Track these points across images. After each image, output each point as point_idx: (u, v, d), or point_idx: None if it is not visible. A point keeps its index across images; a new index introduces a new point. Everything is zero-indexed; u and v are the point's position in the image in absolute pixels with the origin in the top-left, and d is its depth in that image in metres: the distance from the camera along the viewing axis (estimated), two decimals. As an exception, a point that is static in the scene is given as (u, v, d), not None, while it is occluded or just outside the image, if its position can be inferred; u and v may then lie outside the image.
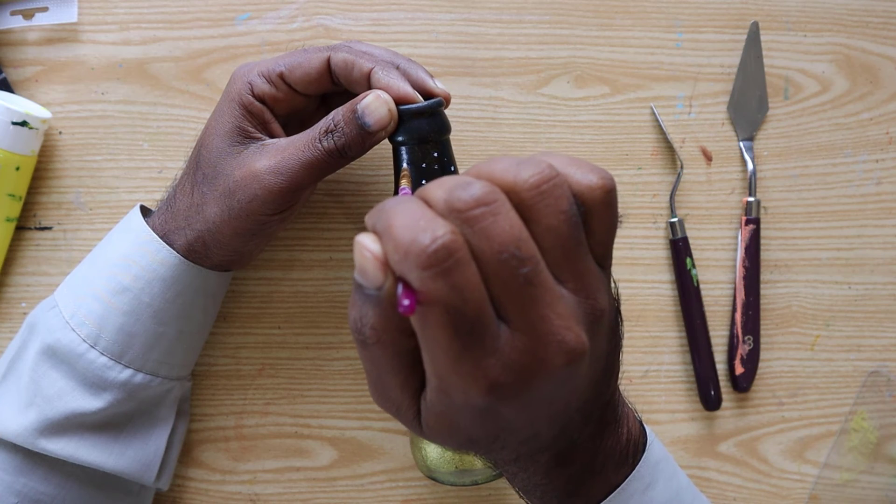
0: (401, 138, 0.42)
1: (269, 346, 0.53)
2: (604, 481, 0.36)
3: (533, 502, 0.38)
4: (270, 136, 0.44)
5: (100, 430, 0.45)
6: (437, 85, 0.43)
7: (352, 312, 0.30)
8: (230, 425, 0.53)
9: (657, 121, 0.55)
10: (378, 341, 0.29)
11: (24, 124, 0.48)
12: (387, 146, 0.43)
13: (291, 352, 0.53)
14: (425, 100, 0.42)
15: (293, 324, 0.53)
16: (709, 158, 0.56)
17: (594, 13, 0.55)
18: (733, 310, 0.56)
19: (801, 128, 0.57)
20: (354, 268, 0.28)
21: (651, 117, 0.55)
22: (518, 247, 0.27)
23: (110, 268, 0.45)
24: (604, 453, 0.36)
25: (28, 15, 0.51)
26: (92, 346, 0.44)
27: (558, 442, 0.34)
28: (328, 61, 0.43)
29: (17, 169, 0.48)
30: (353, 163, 0.45)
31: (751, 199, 0.56)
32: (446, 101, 0.43)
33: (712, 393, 0.55)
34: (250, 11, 0.53)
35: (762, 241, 0.56)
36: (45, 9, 0.50)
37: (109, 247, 0.46)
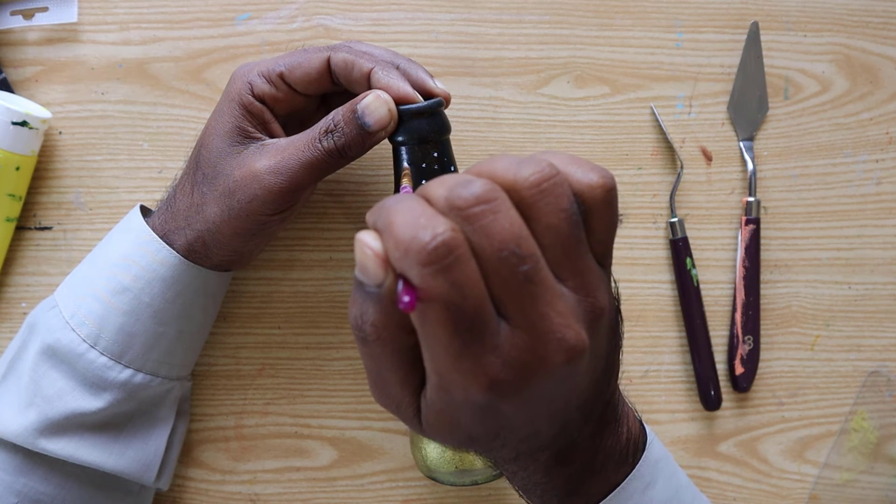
0: (401, 138, 0.42)
1: (269, 346, 0.53)
2: (604, 480, 0.36)
3: (533, 501, 0.38)
4: (270, 136, 0.44)
5: (100, 430, 0.45)
6: (437, 85, 0.43)
7: (352, 310, 0.30)
8: (230, 425, 0.53)
9: (657, 121, 0.55)
10: (378, 338, 0.29)
11: (24, 124, 0.48)
12: (387, 146, 0.43)
13: (291, 352, 0.53)
14: (425, 100, 0.42)
15: (293, 324, 0.53)
16: (709, 158, 0.56)
17: (594, 13, 0.55)
18: (733, 310, 0.56)
19: (801, 128, 0.57)
20: (355, 265, 0.28)
21: (651, 117, 0.56)
22: (518, 244, 0.27)
23: (110, 268, 0.45)
24: (604, 452, 0.36)
25: (28, 15, 0.51)
26: (92, 346, 0.44)
27: (558, 440, 0.34)
28: (328, 61, 0.43)
29: (17, 169, 0.49)
30: (353, 163, 0.45)
31: (751, 199, 0.56)
32: (446, 101, 0.43)
33: (712, 393, 0.55)
34: (250, 11, 0.53)
35: (762, 241, 0.56)
36: (45, 9, 0.50)
37: (109, 247, 0.46)
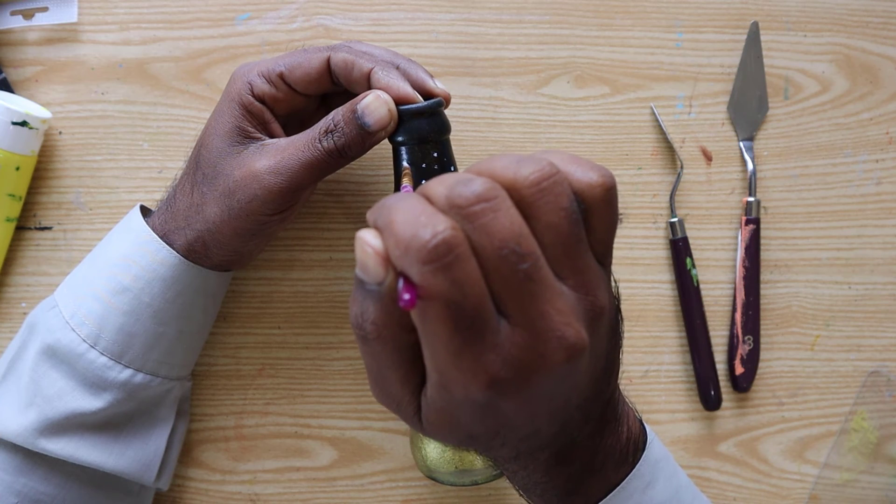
0: (401, 138, 0.42)
1: (269, 346, 0.53)
2: (603, 480, 0.36)
3: (533, 501, 0.38)
4: (270, 136, 0.44)
5: (100, 430, 0.45)
6: (437, 85, 0.43)
7: (353, 308, 0.30)
8: (230, 425, 0.53)
9: (657, 121, 0.55)
10: (379, 336, 0.29)
11: (24, 124, 0.48)
12: (387, 146, 0.43)
13: (291, 352, 0.53)
14: (425, 100, 0.42)
15: (293, 324, 0.53)
16: (709, 158, 0.56)
17: (594, 13, 0.55)
18: (733, 310, 0.56)
19: (801, 128, 0.57)
20: (356, 264, 0.28)
21: (651, 117, 0.56)
22: (518, 243, 0.27)
23: (110, 268, 0.45)
24: (604, 452, 0.36)
25: (28, 15, 0.51)
26: (92, 346, 0.44)
27: (558, 440, 0.34)
28: (328, 61, 0.43)
29: (17, 169, 0.49)
30: (353, 163, 0.45)
31: (751, 199, 0.56)
32: (446, 101, 0.43)
33: (712, 393, 0.55)
34: (250, 11, 0.53)
35: (762, 241, 0.56)
36: (45, 9, 0.50)
37: (109, 247, 0.46)
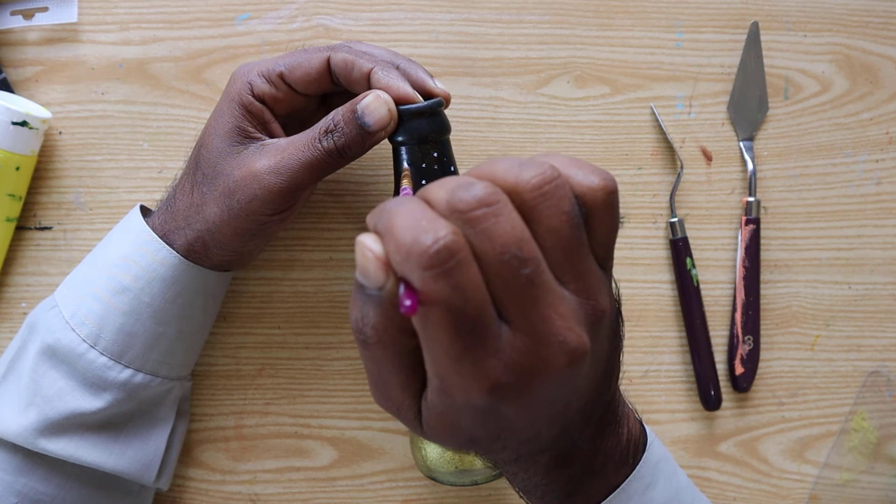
0: (401, 138, 0.42)
1: (269, 346, 0.53)
2: (604, 481, 0.36)
3: (533, 502, 0.38)
4: (270, 136, 0.44)
5: (100, 430, 0.45)
6: (437, 85, 0.43)
7: (353, 312, 0.30)
8: (230, 425, 0.53)
9: (657, 121, 0.55)
10: (379, 341, 0.29)
11: (24, 124, 0.48)
12: (387, 146, 0.43)
13: (291, 352, 0.53)
14: (425, 100, 0.42)
15: (293, 324, 0.53)
16: (709, 158, 0.56)
17: (594, 13, 0.55)
18: (733, 310, 0.56)
19: (801, 128, 0.57)
20: (355, 268, 0.28)
21: (651, 117, 0.55)
22: (520, 247, 0.27)
23: (110, 268, 0.44)
24: (604, 454, 0.36)
25: (28, 15, 0.51)
26: (92, 346, 0.44)
27: (559, 442, 0.34)
28: (328, 61, 0.43)
29: (17, 169, 0.48)
30: (353, 163, 0.45)
31: (751, 199, 0.56)
32: (446, 101, 0.43)
33: (712, 393, 0.55)
34: (250, 11, 0.52)
35: (762, 241, 0.56)
36: (45, 9, 0.50)
37: (109, 247, 0.46)
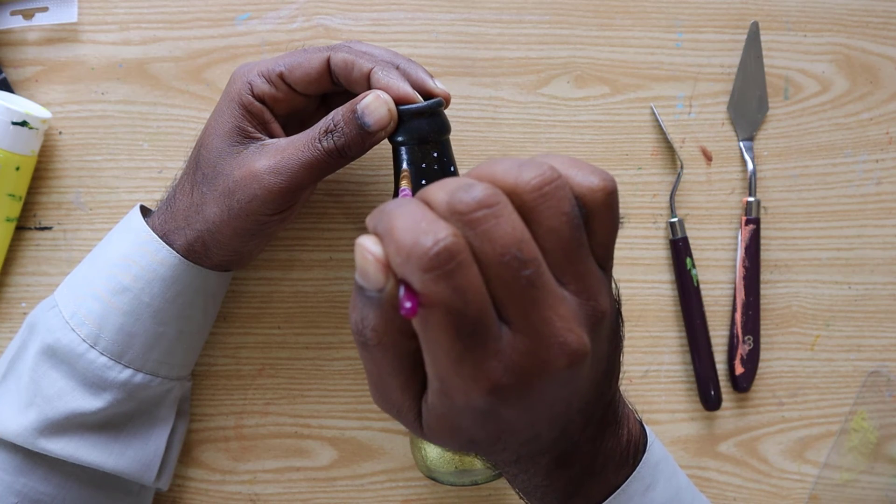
0: (401, 138, 0.42)
1: (269, 346, 0.53)
2: (604, 482, 0.36)
3: (533, 503, 0.38)
4: (270, 136, 0.44)
5: (100, 430, 0.45)
6: (437, 85, 0.43)
7: (353, 314, 0.30)
8: (230, 425, 0.53)
9: (657, 121, 0.55)
10: (379, 343, 0.29)
11: (24, 124, 0.48)
12: (387, 146, 0.43)
13: (291, 352, 0.53)
14: (425, 100, 0.42)
15: (293, 324, 0.53)
16: (709, 158, 0.56)
17: (594, 13, 0.55)
18: (733, 310, 0.56)
19: (801, 128, 0.57)
20: (355, 269, 0.28)
21: (651, 117, 0.55)
22: (520, 249, 0.27)
23: (110, 268, 0.44)
24: (604, 454, 0.36)
25: (28, 15, 0.50)
26: (92, 346, 0.44)
27: (559, 443, 0.34)
28: (328, 61, 0.43)
29: (17, 169, 0.48)
30: (353, 163, 0.45)
31: (751, 199, 0.56)
32: (446, 101, 0.43)
33: (712, 393, 0.55)
34: (250, 11, 0.52)
35: (762, 241, 0.56)
36: (45, 9, 0.50)
37: (109, 247, 0.46)
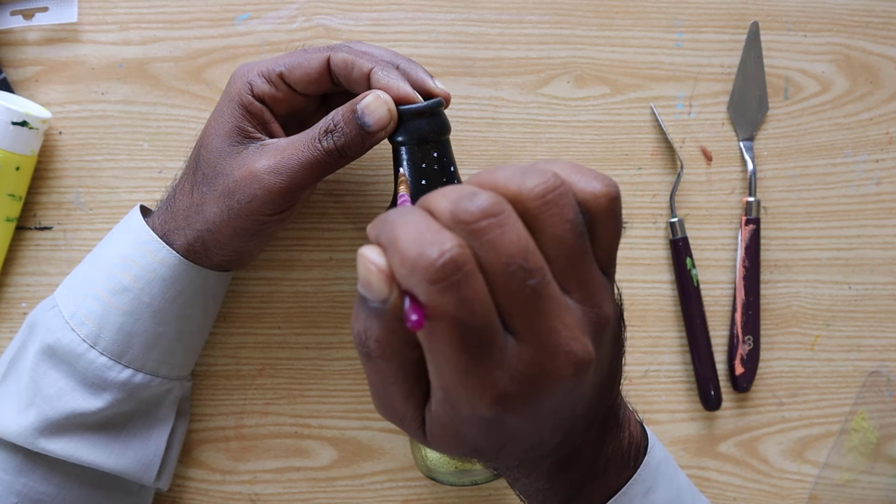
0: (401, 138, 0.42)
1: (269, 346, 0.53)
2: (605, 485, 0.36)
3: (533, 506, 0.38)
4: (270, 136, 0.44)
5: (100, 430, 0.45)
6: (437, 85, 0.43)
7: (355, 325, 0.29)
8: (230, 425, 0.53)
9: (657, 121, 0.55)
10: (383, 354, 0.29)
11: (24, 124, 0.48)
12: (387, 146, 0.43)
13: (291, 352, 0.53)
14: (425, 100, 0.42)
15: (293, 324, 0.53)
16: (709, 158, 0.56)
17: (594, 13, 0.55)
18: (733, 310, 0.56)
19: (801, 128, 0.57)
20: (358, 279, 0.28)
21: (651, 117, 0.55)
22: (525, 258, 0.27)
23: (110, 268, 0.44)
24: (606, 457, 0.36)
25: (28, 15, 0.50)
26: (92, 346, 0.44)
27: (561, 448, 0.34)
28: (328, 61, 0.43)
29: (17, 169, 0.48)
30: (353, 163, 0.45)
31: (751, 199, 0.56)
32: (446, 101, 0.43)
33: (712, 393, 0.55)
34: (250, 11, 0.52)
35: (762, 241, 0.56)
36: (45, 9, 0.50)
37: (109, 247, 0.46)
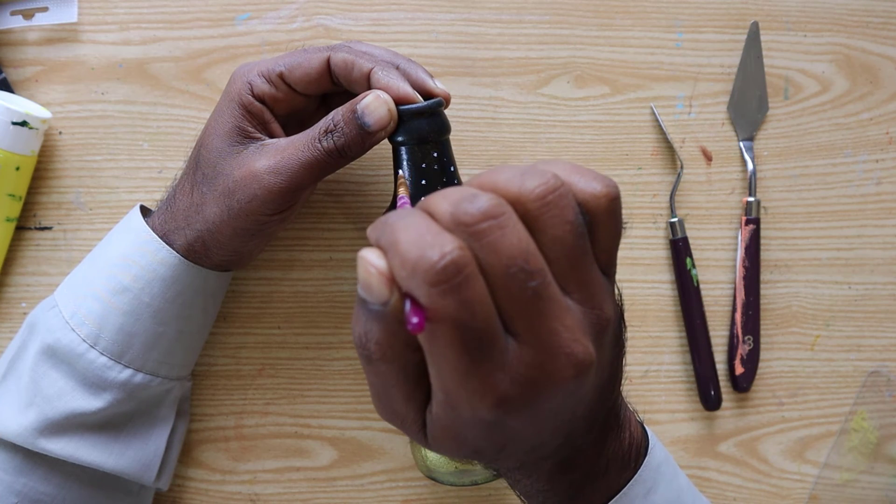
0: (401, 138, 0.42)
1: (269, 346, 0.53)
2: (606, 485, 0.36)
3: (533, 506, 0.38)
4: (270, 136, 0.44)
5: (100, 430, 0.45)
6: (437, 85, 0.43)
7: (356, 328, 0.29)
8: (230, 425, 0.53)
9: (657, 121, 0.55)
10: (383, 357, 0.29)
11: (24, 124, 0.48)
12: (387, 146, 0.43)
13: (291, 352, 0.53)
14: (425, 100, 0.42)
15: (293, 324, 0.53)
16: (709, 158, 0.56)
17: (594, 13, 0.55)
18: (733, 310, 0.56)
19: (801, 128, 0.57)
20: (358, 282, 0.28)
21: (651, 117, 0.55)
22: (526, 260, 0.27)
23: (110, 268, 0.44)
24: (606, 458, 0.36)
25: (28, 15, 0.50)
26: (92, 346, 0.44)
27: (562, 449, 0.34)
28: (328, 61, 0.43)
29: (17, 169, 0.48)
30: (353, 163, 0.45)
31: (751, 199, 0.56)
32: (446, 101, 0.43)
33: (712, 393, 0.55)
34: (250, 11, 0.52)
35: (762, 241, 0.56)
36: (45, 9, 0.50)
37: (109, 247, 0.46)
